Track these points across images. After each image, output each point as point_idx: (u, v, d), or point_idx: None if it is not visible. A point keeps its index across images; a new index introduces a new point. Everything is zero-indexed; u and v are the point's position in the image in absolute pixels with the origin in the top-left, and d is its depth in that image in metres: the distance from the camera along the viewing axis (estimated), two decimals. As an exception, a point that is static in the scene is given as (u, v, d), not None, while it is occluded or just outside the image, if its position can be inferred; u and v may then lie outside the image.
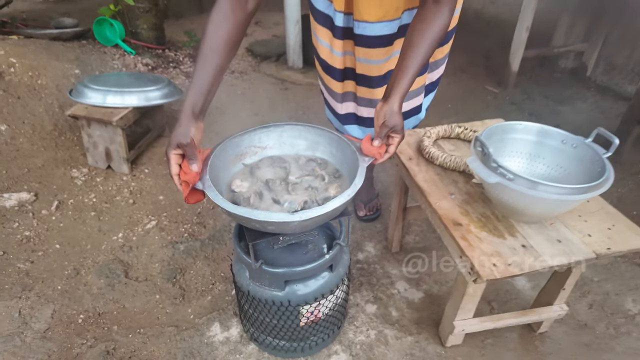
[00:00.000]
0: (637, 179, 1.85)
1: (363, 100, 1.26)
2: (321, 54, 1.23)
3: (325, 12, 1.14)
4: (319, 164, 0.99)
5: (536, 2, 2.37)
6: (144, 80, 1.92)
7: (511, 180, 0.81)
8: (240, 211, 0.75)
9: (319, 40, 1.21)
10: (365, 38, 1.10)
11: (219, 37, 0.82)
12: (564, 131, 0.98)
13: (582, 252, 0.85)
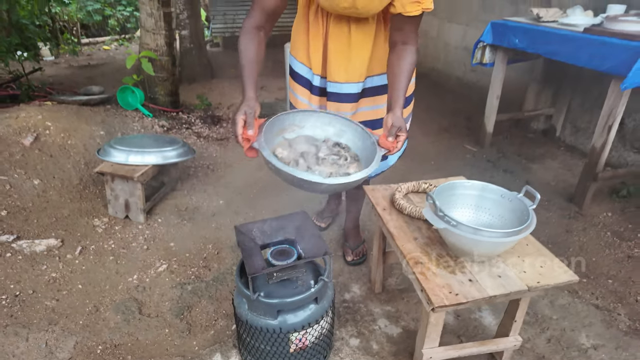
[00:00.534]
0: (597, 229, 2.06)
1: None
2: (299, 107, 1.53)
3: (305, 76, 1.46)
4: (342, 148, 1.23)
5: (503, 74, 2.74)
6: (162, 141, 2.22)
7: (454, 226, 1.04)
8: (285, 168, 1.01)
9: (297, 97, 1.53)
10: (336, 95, 1.42)
11: (251, 52, 1.18)
12: (502, 188, 1.22)
13: (517, 285, 1.05)
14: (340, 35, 1.33)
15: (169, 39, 3.16)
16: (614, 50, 1.84)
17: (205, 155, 2.81)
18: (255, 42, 1.20)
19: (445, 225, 1.05)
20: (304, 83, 1.48)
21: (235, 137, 1.10)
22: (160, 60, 3.17)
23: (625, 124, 2.59)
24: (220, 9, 7.16)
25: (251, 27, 1.21)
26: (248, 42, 1.19)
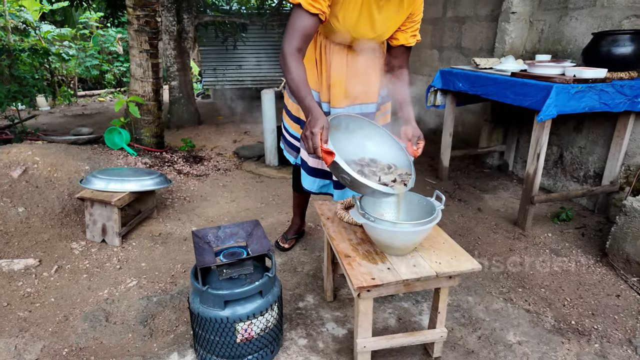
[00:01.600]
0: (537, 248, 2.26)
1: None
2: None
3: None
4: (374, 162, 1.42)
5: (453, 115, 3.06)
6: (141, 172, 2.43)
7: (373, 221, 1.24)
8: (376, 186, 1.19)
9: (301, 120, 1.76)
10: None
11: (302, 72, 1.32)
12: (418, 194, 1.43)
13: (427, 271, 1.24)
14: (340, 66, 1.61)
15: (155, 87, 3.48)
16: (532, 90, 2.16)
17: (183, 188, 3.01)
18: (302, 64, 1.34)
19: (365, 221, 1.25)
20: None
21: (314, 150, 1.21)
22: (147, 105, 3.47)
23: (564, 157, 2.88)
24: (211, 64, 7.72)
25: (294, 50, 1.32)
26: (297, 64, 1.31)
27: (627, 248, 1.97)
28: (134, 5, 3.16)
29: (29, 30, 8.87)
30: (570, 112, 2.11)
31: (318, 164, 1.80)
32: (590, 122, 2.65)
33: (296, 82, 1.30)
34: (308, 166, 1.82)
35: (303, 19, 1.33)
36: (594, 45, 2.26)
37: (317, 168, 1.81)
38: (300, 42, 1.34)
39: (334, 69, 1.63)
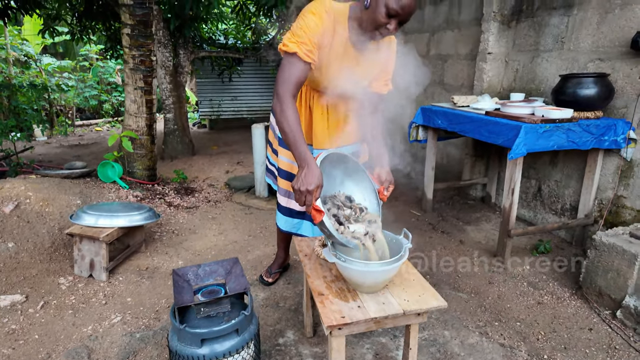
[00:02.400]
0: (515, 280, 2.32)
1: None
2: (282, 166, 1.85)
3: None
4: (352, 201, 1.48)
5: (435, 149, 3.18)
6: (130, 207, 2.50)
7: (343, 261, 1.31)
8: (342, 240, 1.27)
9: (280, 157, 1.85)
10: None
11: (298, 120, 1.35)
12: (387, 232, 1.50)
13: (395, 309, 1.29)
14: (321, 113, 1.72)
15: (149, 122, 3.60)
16: (504, 129, 2.28)
17: (172, 221, 3.07)
18: (297, 111, 1.36)
19: (337, 260, 1.32)
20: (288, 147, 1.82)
21: (306, 207, 1.25)
22: (140, 139, 3.58)
23: (542, 190, 2.98)
24: (207, 95, 7.93)
25: (290, 96, 1.36)
26: (293, 111, 1.34)
27: (599, 281, 2.04)
28: (130, 46, 3.32)
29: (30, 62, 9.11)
30: (540, 150, 2.22)
31: (290, 204, 1.88)
32: (564, 156, 2.77)
33: (292, 128, 1.32)
34: (281, 205, 1.91)
35: (298, 67, 1.39)
36: (562, 86, 2.41)
37: (290, 208, 1.89)
38: (295, 89, 1.39)
39: (315, 114, 1.74)
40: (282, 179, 1.88)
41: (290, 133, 1.32)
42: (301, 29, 1.39)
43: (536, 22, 2.91)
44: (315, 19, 1.40)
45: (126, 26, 3.25)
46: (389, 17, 1.36)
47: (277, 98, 1.37)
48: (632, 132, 2.31)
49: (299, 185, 1.24)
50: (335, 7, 1.47)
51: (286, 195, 1.89)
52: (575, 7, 2.61)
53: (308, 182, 1.23)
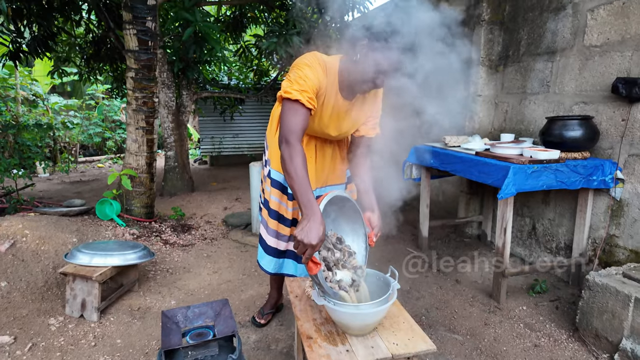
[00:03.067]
0: (512, 322, 2.28)
1: None
2: (272, 206, 1.88)
3: (280, 181, 1.84)
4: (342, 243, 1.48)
5: (429, 187, 3.22)
6: (125, 246, 2.51)
7: (333, 304, 1.32)
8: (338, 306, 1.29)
9: (271, 197, 1.87)
10: None
11: (305, 166, 1.35)
12: (375, 271, 1.51)
13: (384, 353, 1.29)
14: (311, 155, 1.78)
15: (149, 160, 3.68)
16: (494, 169, 2.33)
17: (167, 260, 3.07)
18: (305, 157, 1.37)
19: (325, 303, 1.33)
20: (277, 186, 1.87)
21: (304, 259, 1.25)
22: (140, 177, 3.64)
23: (536, 229, 2.99)
24: (209, 132, 8.12)
25: (299, 142, 1.38)
26: (303, 157, 1.35)
27: (594, 323, 2.01)
28: (133, 88, 3.45)
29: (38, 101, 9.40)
30: (530, 190, 2.26)
31: (279, 245, 1.90)
32: (556, 195, 2.81)
33: (299, 175, 1.32)
34: (268, 245, 1.91)
35: (301, 114, 1.43)
36: (548, 128, 2.49)
37: (277, 248, 1.90)
38: (301, 136, 1.42)
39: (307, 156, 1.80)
40: (271, 219, 1.90)
41: (297, 180, 1.31)
42: (301, 79, 1.46)
43: (522, 67, 3.05)
44: (312, 70, 1.48)
45: (131, 70, 3.40)
46: (377, 73, 1.45)
47: (287, 145, 1.38)
48: (619, 173, 2.36)
49: (303, 237, 1.22)
50: (327, 60, 1.56)
51: (274, 235, 1.91)
52: (557, 53, 2.75)
53: (312, 237, 1.22)
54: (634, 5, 2.27)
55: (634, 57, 2.28)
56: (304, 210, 1.27)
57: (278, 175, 1.87)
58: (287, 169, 1.35)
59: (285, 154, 1.37)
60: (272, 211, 1.90)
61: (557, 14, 2.73)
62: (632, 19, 2.28)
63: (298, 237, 1.23)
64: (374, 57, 1.44)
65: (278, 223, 1.90)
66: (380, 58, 1.43)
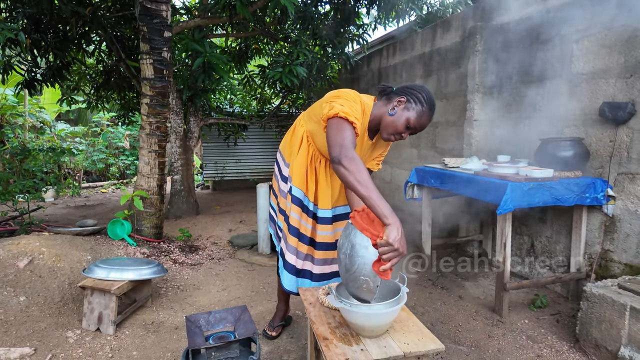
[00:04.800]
0: (514, 334, 2.36)
1: (319, 261, 1.96)
2: (292, 222, 1.95)
3: (300, 198, 1.93)
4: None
5: (431, 207, 3.35)
6: (140, 262, 2.61)
7: (346, 305, 1.42)
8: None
9: (292, 214, 1.94)
10: (322, 218, 1.92)
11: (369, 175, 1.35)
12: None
13: (396, 351, 1.38)
14: (325, 175, 1.92)
15: (160, 182, 3.81)
16: (492, 187, 2.47)
17: (177, 277, 3.14)
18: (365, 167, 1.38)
19: (342, 305, 1.43)
20: (298, 203, 1.94)
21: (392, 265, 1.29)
22: (151, 199, 3.76)
23: (535, 246, 3.11)
24: (212, 158, 8.30)
25: (354, 153, 1.37)
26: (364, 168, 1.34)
27: (594, 333, 2.09)
28: (148, 114, 3.63)
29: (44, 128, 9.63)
30: (527, 206, 2.39)
31: (298, 263, 1.99)
32: (552, 214, 2.94)
33: (371, 183, 1.31)
34: (289, 263, 2.00)
35: (353, 134, 1.47)
36: (542, 149, 2.65)
37: (297, 267, 2.00)
38: (354, 148, 1.41)
39: (320, 175, 1.95)
40: (291, 236, 2.00)
41: (371, 188, 1.31)
42: (351, 109, 1.53)
43: (515, 93, 3.25)
44: (358, 107, 1.61)
45: (146, 97, 3.59)
46: (406, 129, 1.66)
47: (351, 158, 1.35)
48: (609, 190, 2.50)
49: (401, 245, 1.27)
50: (364, 100, 1.73)
51: (294, 252, 2.00)
52: (547, 80, 2.95)
53: (405, 245, 1.28)
54: (615, 37, 2.48)
55: (617, 84, 2.48)
56: (389, 217, 1.28)
57: (299, 193, 1.97)
58: (358, 180, 1.31)
59: (351, 167, 1.34)
60: (292, 228, 1.99)
61: (546, 45, 2.95)
62: (613, 50, 2.49)
63: (396, 245, 1.26)
64: (409, 116, 1.64)
65: (298, 241, 2.00)
66: (415, 119, 1.63)
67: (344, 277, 1.45)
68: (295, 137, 1.96)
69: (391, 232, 1.27)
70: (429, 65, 4.42)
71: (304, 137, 1.92)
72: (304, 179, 1.94)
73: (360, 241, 1.37)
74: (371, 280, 1.36)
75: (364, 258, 1.35)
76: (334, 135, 1.45)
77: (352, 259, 1.38)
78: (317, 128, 1.84)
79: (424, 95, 1.65)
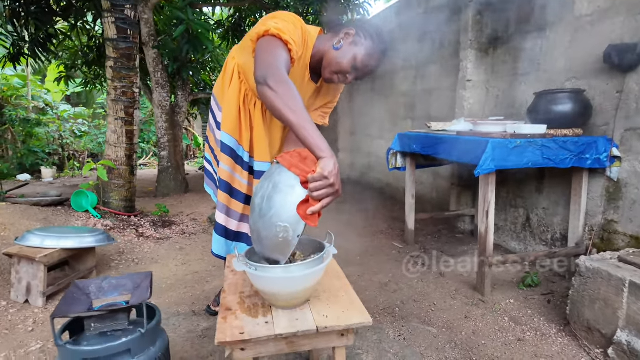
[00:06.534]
0: (495, 315, 2.04)
1: None
2: (222, 176, 1.64)
3: (232, 147, 1.60)
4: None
5: (414, 176, 3.02)
6: (83, 230, 2.39)
7: (253, 269, 1.13)
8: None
9: (221, 166, 1.63)
10: (260, 172, 1.61)
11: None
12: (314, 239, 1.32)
13: (308, 325, 1.09)
14: (262, 121, 1.59)
15: (129, 152, 3.59)
16: (473, 146, 2.13)
17: (136, 250, 2.93)
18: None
19: (246, 269, 1.14)
20: (228, 152, 1.62)
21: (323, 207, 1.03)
22: (119, 170, 3.55)
23: (531, 219, 2.75)
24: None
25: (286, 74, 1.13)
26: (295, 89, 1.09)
27: (586, 314, 1.76)
28: (112, 78, 3.39)
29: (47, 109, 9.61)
30: (514, 167, 2.05)
31: (228, 223, 1.71)
32: (549, 181, 2.57)
33: (303, 109, 1.05)
34: (218, 224, 1.70)
35: (286, 56, 1.20)
36: (536, 104, 2.28)
37: (227, 228, 1.72)
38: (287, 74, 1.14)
39: (256, 123, 1.64)
40: (221, 192, 1.72)
41: (302, 115, 1.04)
42: (289, 31, 1.24)
43: (512, 48, 2.85)
44: (297, 30, 1.29)
45: (110, 59, 3.35)
46: (352, 69, 1.37)
47: (279, 80, 1.08)
48: (615, 150, 2.12)
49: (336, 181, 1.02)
50: (308, 29, 1.41)
51: (224, 211, 1.72)
52: (547, 28, 2.55)
53: (341, 185, 1.04)
54: (625, -33, 2.08)
55: (625, 23, 2.08)
56: (326, 151, 1.02)
57: (230, 140, 1.65)
58: (288, 104, 1.05)
59: (279, 89, 1.07)
60: (222, 182, 1.70)
61: (546, -13, 2.54)
62: (623, -18, 2.09)
63: (332, 179, 1.00)
64: (357, 52, 1.36)
65: (229, 197, 1.72)
66: (362, 57, 1.36)
67: (256, 228, 1.15)
68: (227, 75, 1.64)
69: (327, 165, 1.01)
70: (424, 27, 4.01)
71: (234, 72, 1.59)
72: (236, 123, 1.62)
73: (286, 179, 1.07)
74: (291, 228, 1.05)
75: (286, 198, 1.05)
76: (262, 55, 1.17)
77: (271, 201, 1.07)
78: (249, 60, 1.46)
79: (376, 32, 1.37)
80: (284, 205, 1.06)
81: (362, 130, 5.73)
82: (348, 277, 1.36)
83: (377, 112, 5.18)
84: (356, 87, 5.82)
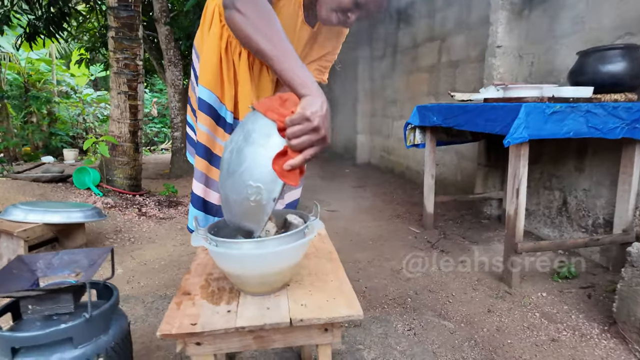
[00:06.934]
0: (524, 310, 1.75)
1: None
2: (200, 139, 1.36)
3: (212, 104, 1.33)
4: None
5: (434, 154, 2.71)
6: (72, 206, 2.24)
7: (214, 245, 0.90)
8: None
9: (199, 125, 1.35)
10: None
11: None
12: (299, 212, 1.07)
13: (280, 317, 0.85)
14: (247, 74, 1.31)
15: (133, 128, 3.44)
16: (502, 113, 1.81)
17: (134, 229, 2.78)
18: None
19: (205, 244, 0.92)
20: (207, 111, 1.35)
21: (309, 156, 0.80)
22: (122, 146, 3.41)
23: (568, 203, 2.40)
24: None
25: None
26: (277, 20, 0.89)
27: (638, 312, 1.44)
28: (114, 49, 3.23)
29: (70, 93, 9.73)
30: (551, 137, 1.72)
31: (208, 195, 1.46)
32: (592, 158, 2.22)
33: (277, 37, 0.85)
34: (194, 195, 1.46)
35: None
36: (581, 65, 1.93)
37: (206, 200, 1.47)
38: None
39: (241, 76, 1.38)
40: (199, 158, 1.47)
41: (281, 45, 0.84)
42: None
43: (551, 6, 2.47)
44: None
45: (111, 29, 3.18)
46: (354, 4, 1.10)
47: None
48: (678, 117, 1.76)
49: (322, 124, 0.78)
50: None
51: (202, 180, 1.47)
52: (595, -23, 2.17)
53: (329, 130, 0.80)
54: None
55: (701, -41, 1.69)
56: (311, 86, 0.81)
57: (210, 96, 1.39)
58: (260, 29, 0.86)
59: (249, 11, 0.87)
60: (199, 146, 1.45)
61: None
62: None
63: (316, 121, 0.77)
64: None
65: (208, 164, 1.46)
66: None
67: (224, 191, 0.92)
68: (206, 19, 1.38)
69: (310, 104, 0.78)
70: (450, -9, 3.63)
71: (214, 13, 1.33)
72: (216, 76, 1.35)
73: (260, 127, 0.83)
74: (265, 188, 0.80)
75: (258, 150, 0.81)
76: None
77: (241, 154, 0.83)
78: None
79: None
80: (255, 159, 0.82)
81: (381, 111, 5.41)
82: (356, 262, 1.12)
83: (397, 91, 4.85)
84: (376, 65, 5.48)
